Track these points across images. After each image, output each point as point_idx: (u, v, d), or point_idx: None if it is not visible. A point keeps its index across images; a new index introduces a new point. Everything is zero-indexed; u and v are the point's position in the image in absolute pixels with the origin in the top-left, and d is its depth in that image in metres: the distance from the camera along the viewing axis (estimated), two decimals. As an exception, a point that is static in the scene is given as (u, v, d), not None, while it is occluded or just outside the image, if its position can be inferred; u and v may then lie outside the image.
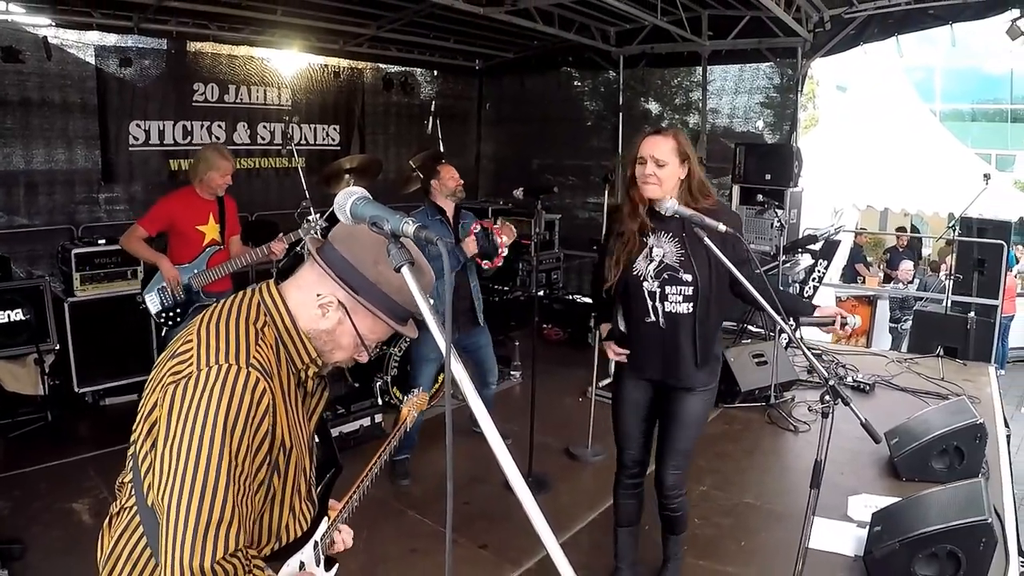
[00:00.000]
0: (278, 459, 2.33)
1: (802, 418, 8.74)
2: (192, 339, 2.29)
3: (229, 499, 2.12)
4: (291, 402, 2.40)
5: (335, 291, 2.38)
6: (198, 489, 2.08)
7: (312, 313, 2.41)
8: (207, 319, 2.36)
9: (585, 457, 7.79)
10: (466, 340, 7.30)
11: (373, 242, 2.27)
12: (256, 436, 2.21)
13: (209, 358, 2.20)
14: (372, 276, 2.35)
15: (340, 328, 2.43)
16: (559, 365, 10.33)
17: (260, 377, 2.21)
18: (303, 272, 2.47)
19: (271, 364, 2.30)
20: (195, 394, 2.14)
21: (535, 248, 7.70)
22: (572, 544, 6.15)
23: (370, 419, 8.04)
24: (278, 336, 2.38)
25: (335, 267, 2.36)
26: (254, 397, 2.18)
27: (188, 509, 2.07)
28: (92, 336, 8.58)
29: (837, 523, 6.33)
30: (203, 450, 2.09)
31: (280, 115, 11.85)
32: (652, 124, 13.80)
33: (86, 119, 9.87)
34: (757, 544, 6.16)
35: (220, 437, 2.11)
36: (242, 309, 2.38)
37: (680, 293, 4.66)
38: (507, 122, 15.80)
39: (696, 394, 4.88)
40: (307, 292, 2.41)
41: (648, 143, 4.62)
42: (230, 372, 2.17)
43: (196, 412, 2.12)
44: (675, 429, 4.95)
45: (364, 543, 5.75)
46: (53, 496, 6.71)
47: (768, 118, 12.38)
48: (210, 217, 7.10)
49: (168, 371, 2.25)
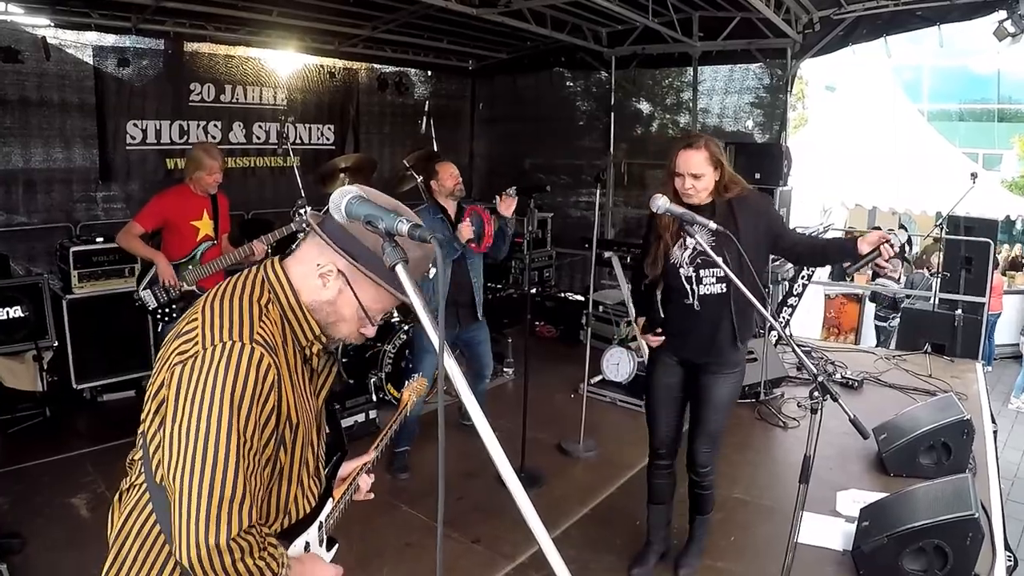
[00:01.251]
0: (284, 433, 2.33)
1: (791, 414, 8.74)
2: (197, 317, 2.29)
3: (240, 475, 2.12)
4: (298, 378, 2.39)
5: (335, 260, 2.37)
6: (209, 467, 2.09)
7: (313, 283, 2.40)
8: (211, 297, 2.35)
9: (577, 453, 7.79)
10: (466, 334, 7.28)
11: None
12: (263, 411, 2.21)
13: (214, 336, 2.20)
14: (371, 244, 2.30)
15: (341, 298, 2.42)
16: (551, 362, 10.29)
17: (264, 352, 2.20)
18: (304, 246, 2.46)
19: (276, 340, 2.30)
20: (201, 373, 2.14)
21: (528, 246, 7.68)
22: (564, 539, 6.13)
23: (364, 415, 8.03)
24: (282, 312, 2.38)
25: (334, 236, 2.34)
26: (259, 372, 2.18)
27: (200, 487, 2.08)
28: (90, 333, 8.56)
29: (826, 518, 6.33)
30: (212, 428, 2.09)
31: (276, 115, 11.88)
32: (643, 124, 13.89)
33: (84, 118, 9.87)
34: (747, 539, 6.16)
35: (228, 414, 2.11)
36: (246, 286, 2.37)
37: (713, 275, 4.97)
38: (500, 122, 15.83)
39: (726, 376, 5.19)
40: (308, 264, 2.41)
41: (683, 159, 4.92)
42: (234, 348, 2.17)
43: (203, 390, 2.12)
44: (706, 411, 5.25)
45: (358, 537, 5.76)
46: (52, 491, 6.69)
47: (758, 118, 12.41)
48: (204, 213, 7.08)
49: (174, 351, 2.24)
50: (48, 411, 8.08)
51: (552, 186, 13.03)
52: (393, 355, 8.53)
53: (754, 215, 4.97)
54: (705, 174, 4.86)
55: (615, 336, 10.62)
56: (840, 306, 15.87)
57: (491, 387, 8.12)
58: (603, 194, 8.89)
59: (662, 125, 13.77)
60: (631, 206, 13.91)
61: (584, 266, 13.93)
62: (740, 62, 12.31)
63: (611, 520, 6.49)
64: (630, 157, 13.84)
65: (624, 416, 8.85)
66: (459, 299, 7.07)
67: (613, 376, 9.50)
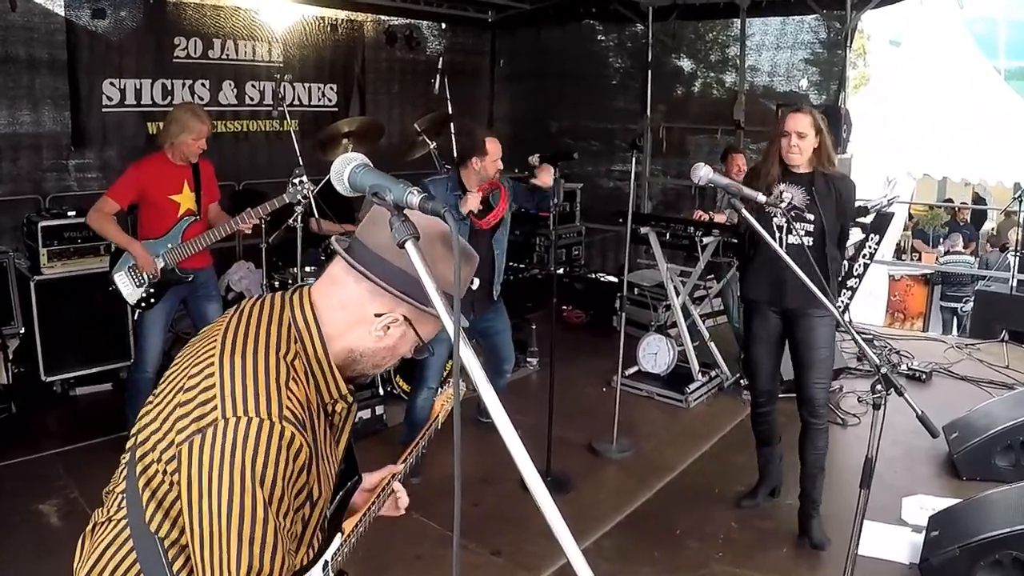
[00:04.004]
0: (304, 509, 2.31)
1: (851, 410, 8.74)
2: (214, 372, 2.21)
3: (277, 559, 2.12)
4: (325, 446, 2.38)
5: (396, 307, 2.31)
6: (246, 542, 2.07)
7: (372, 334, 2.34)
8: (231, 345, 2.27)
9: (610, 453, 7.79)
10: (481, 323, 7.25)
11: (423, 240, 2.12)
12: (294, 492, 2.19)
13: (235, 406, 2.14)
14: (408, 265, 2.14)
15: (402, 340, 2.39)
16: (580, 351, 10.31)
17: (296, 432, 2.15)
18: (342, 287, 2.36)
19: (304, 409, 2.24)
20: (224, 447, 2.09)
21: (554, 221, 7.64)
22: (595, 551, 6.14)
23: (371, 411, 8.05)
24: (307, 367, 2.31)
25: (393, 281, 2.27)
26: (290, 453, 2.13)
27: (238, 564, 2.07)
28: (61, 318, 8.51)
29: (890, 527, 6.33)
30: (242, 499, 2.07)
31: (271, 73, 11.79)
32: (684, 83, 13.83)
33: (54, 77, 9.75)
34: (802, 551, 6.17)
35: (254, 486, 2.07)
36: (271, 334, 2.30)
37: (803, 229, 5.99)
38: (523, 80, 15.71)
39: (820, 319, 6.05)
40: (357, 312, 2.33)
41: (791, 120, 5.99)
42: (263, 428, 2.11)
43: (227, 465, 2.07)
44: (811, 351, 6.14)
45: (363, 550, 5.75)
46: (18, 496, 6.67)
47: (813, 76, 12.32)
48: (184, 185, 7.02)
49: (187, 410, 2.19)
50: (14, 406, 8.05)
51: (581, 153, 12.96)
52: (403, 344, 8.48)
53: (840, 200, 6.05)
54: (808, 135, 5.91)
55: (653, 322, 10.52)
56: (906, 288, 15.84)
57: (513, 379, 8.10)
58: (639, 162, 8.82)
59: (705, 85, 13.71)
60: (671, 176, 13.90)
61: (618, 243, 13.82)
62: (793, 13, 12.19)
63: (648, 529, 6.51)
64: (669, 120, 13.76)
65: (663, 412, 8.87)
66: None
67: (650, 367, 9.50)
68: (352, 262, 2.30)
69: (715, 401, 9.28)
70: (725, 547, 5.99)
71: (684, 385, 9.13)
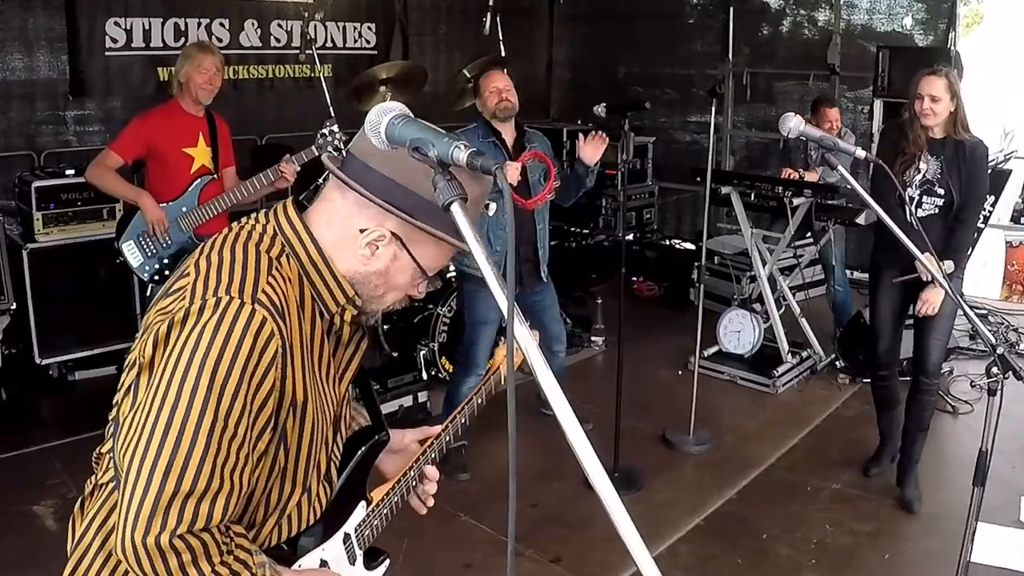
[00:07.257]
0: (286, 424, 2.27)
1: (963, 396, 8.67)
2: (190, 271, 2.22)
3: (206, 466, 2.05)
4: (313, 353, 2.34)
5: (384, 221, 2.26)
6: (167, 451, 2.01)
7: (357, 254, 2.31)
8: (208, 247, 2.28)
9: (686, 446, 7.78)
10: (528, 299, 7.20)
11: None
12: (257, 392, 2.13)
13: (206, 290, 2.13)
14: (427, 192, 2.08)
15: (395, 264, 2.34)
16: (653, 329, 10.34)
17: (268, 317, 2.12)
18: (329, 202, 2.35)
19: (287, 301, 2.22)
20: (182, 334, 2.08)
21: (622, 180, 7.61)
22: (670, 557, 6.13)
23: (412, 398, 8.05)
24: (302, 268, 2.31)
25: (375, 187, 2.22)
26: (257, 341, 2.10)
27: (151, 474, 2.01)
28: (58, 293, 8.47)
29: (1007, 530, 6.30)
30: (181, 402, 2.02)
31: (299, 11, 11.55)
32: (771, 22, 13.71)
33: (50, 16, 9.70)
34: (905, 556, 6.17)
35: (205, 388, 2.03)
36: (252, 234, 2.30)
37: (933, 203, 6.52)
38: (586, 20, 15.65)
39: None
40: (342, 227, 2.32)
41: (925, 83, 6.32)
42: (229, 306, 2.10)
43: (180, 356, 2.05)
44: (932, 319, 6.57)
45: (405, 555, 5.77)
46: (10, 495, 6.73)
47: (919, 14, 12.17)
48: (200, 138, 7.01)
49: (158, 311, 2.19)
50: (4, 393, 8.15)
51: (653, 103, 12.89)
52: (449, 320, 8.51)
53: (972, 169, 6.41)
54: (943, 99, 6.24)
55: (735, 296, 10.40)
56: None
57: (575, 362, 8.12)
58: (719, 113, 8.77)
59: (795, 24, 13.58)
60: (756, 128, 13.84)
61: (695, 205, 13.78)
62: (898, -61, 12.07)
63: (730, 533, 6.51)
64: (754, 65, 13.66)
65: (746, 399, 8.87)
66: (519, 250, 6.98)
67: (733, 347, 9.48)
68: (334, 169, 2.29)
69: (807, 386, 9.24)
70: (819, 553, 5.97)
71: (771, 368, 9.10)
